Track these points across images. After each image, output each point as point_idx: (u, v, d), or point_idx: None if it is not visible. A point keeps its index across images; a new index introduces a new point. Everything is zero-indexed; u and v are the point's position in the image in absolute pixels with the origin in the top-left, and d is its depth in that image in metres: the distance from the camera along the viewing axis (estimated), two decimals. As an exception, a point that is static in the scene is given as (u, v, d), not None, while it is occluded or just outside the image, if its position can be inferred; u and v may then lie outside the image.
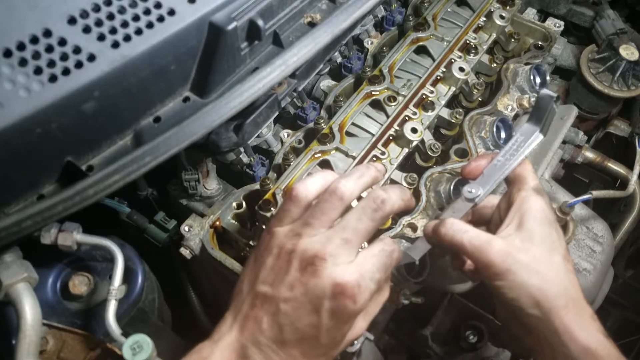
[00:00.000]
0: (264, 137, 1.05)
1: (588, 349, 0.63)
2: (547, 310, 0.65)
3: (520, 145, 0.74)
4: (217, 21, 0.75)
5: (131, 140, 0.75)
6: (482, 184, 0.74)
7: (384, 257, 0.65)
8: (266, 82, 0.74)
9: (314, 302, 0.61)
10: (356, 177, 0.67)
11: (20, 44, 0.64)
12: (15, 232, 0.63)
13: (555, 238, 0.69)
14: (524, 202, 0.70)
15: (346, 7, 0.82)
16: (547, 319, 0.65)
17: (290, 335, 0.61)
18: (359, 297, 0.61)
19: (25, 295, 0.68)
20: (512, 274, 0.65)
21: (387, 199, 0.65)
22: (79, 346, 0.78)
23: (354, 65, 1.16)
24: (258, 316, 0.62)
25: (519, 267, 0.65)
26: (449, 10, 1.20)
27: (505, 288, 0.66)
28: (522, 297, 0.65)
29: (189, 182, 0.95)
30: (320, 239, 0.63)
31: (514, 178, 0.73)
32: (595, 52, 1.37)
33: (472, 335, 1.04)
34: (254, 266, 0.66)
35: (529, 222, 0.68)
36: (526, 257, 0.66)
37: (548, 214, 0.70)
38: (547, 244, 0.68)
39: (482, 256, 0.67)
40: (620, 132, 1.47)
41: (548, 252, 0.67)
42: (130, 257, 0.81)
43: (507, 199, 0.73)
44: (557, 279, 0.66)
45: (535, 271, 0.65)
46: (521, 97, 1.12)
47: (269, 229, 0.67)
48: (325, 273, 0.61)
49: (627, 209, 1.31)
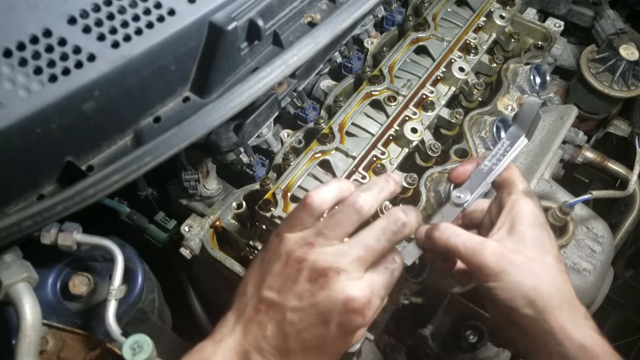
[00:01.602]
0: (264, 137, 1.05)
1: (584, 347, 0.63)
2: (541, 310, 0.65)
3: (507, 150, 0.75)
4: (217, 21, 0.75)
5: (131, 140, 0.75)
6: (470, 188, 0.75)
7: (389, 275, 0.65)
8: (266, 82, 0.74)
9: (323, 314, 0.61)
10: (376, 191, 0.67)
11: (20, 44, 0.64)
12: (15, 232, 0.63)
13: (547, 239, 0.69)
14: (515, 205, 0.70)
15: (346, 7, 0.82)
16: (541, 318, 0.65)
17: (295, 345, 0.61)
18: (368, 313, 0.62)
19: (25, 295, 0.68)
20: (506, 275, 0.65)
21: (408, 222, 0.65)
22: (79, 346, 0.78)
23: (354, 65, 1.16)
24: (262, 322, 0.62)
25: (512, 267, 0.66)
26: (449, 10, 1.20)
27: (500, 289, 0.66)
28: (516, 297, 0.65)
29: (189, 182, 0.95)
30: (335, 251, 0.62)
31: (503, 182, 0.74)
32: (595, 52, 1.37)
33: (472, 335, 1.04)
34: (260, 269, 0.66)
35: (520, 224, 0.68)
36: (519, 258, 0.66)
37: (538, 216, 0.70)
38: (539, 245, 0.68)
39: (476, 258, 0.67)
40: (620, 132, 1.47)
41: (540, 253, 0.68)
42: (130, 257, 0.81)
43: (497, 203, 0.74)
44: (551, 278, 0.67)
45: (529, 271, 0.66)
46: (521, 97, 1.12)
47: (278, 233, 0.67)
48: (337, 286, 0.60)
49: (627, 209, 1.31)
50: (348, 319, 0.61)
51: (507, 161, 0.75)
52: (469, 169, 0.76)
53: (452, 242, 0.69)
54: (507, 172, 0.75)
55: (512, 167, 0.75)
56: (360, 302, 0.61)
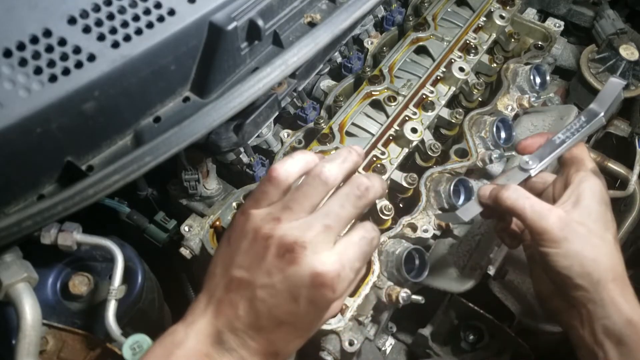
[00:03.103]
0: (264, 137, 1.05)
1: (631, 321, 0.66)
2: (596, 281, 0.68)
3: (582, 126, 0.77)
4: (217, 21, 0.75)
5: (131, 140, 0.75)
6: (539, 156, 0.77)
7: (364, 245, 0.64)
8: (266, 82, 0.74)
9: (292, 290, 0.60)
10: (340, 161, 0.66)
11: (20, 44, 0.64)
12: (15, 232, 0.63)
13: (609, 218, 0.72)
14: (583, 181, 0.72)
15: (346, 7, 0.82)
16: (594, 289, 0.68)
17: (267, 322, 0.60)
18: (338, 287, 0.60)
19: (25, 295, 0.68)
20: (568, 243, 0.68)
21: (371, 186, 0.64)
22: (79, 346, 0.78)
23: (354, 65, 1.16)
24: (233, 301, 0.61)
25: (575, 236, 0.68)
26: (449, 10, 1.20)
27: (560, 255, 0.68)
28: (574, 266, 0.68)
29: (189, 182, 0.95)
30: (301, 225, 0.61)
31: (572, 159, 0.76)
32: (595, 52, 1.37)
33: (472, 335, 1.04)
34: (228, 249, 0.64)
35: (586, 199, 0.71)
36: (583, 230, 0.69)
37: (604, 195, 0.73)
38: (602, 221, 0.71)
39: (542, 222, 0.69)
40: (620, 132, 1.47)
41: (602, 229, 0.70)
42: (130, 257, 0.81)
43: (563, 179, 0.76)
44: (609, 254, 0.70)
45: (589, 243, 0.68)
46: (521, 97, 1.12)
47: (243, 210, 0.65)
48: (304, 261, 0.59)
49: (627, 209, 1.31)
50: (317, 293, 0.60)
51: (580, 137, 0.76)
52: (539, 141, 0.78)
53: (520, 204, 0.71)
54: (577, 149, 0.77)
55: (581, 146, 0.77)
56: (329, 276, 0.59)
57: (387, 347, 1.10)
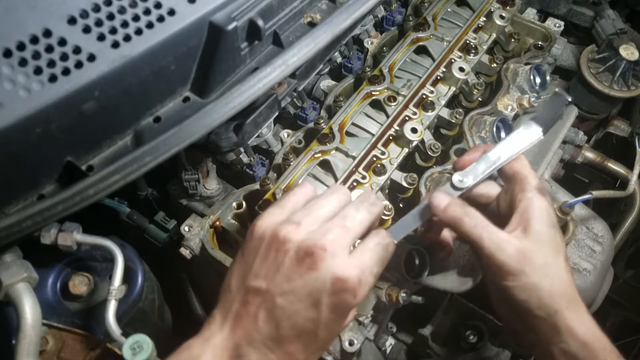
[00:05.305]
0: (264, 137, 1.05)
1: (586, 344, 0.66)
2: (552, 312, 0.66)
3: (519, 142, 0.74)
4: (217, 21, 0.75)
5: (131, 140, 0.75)
6: (473, 173, 0.73)
7: (380, 251, 0.64)
8: (266, 82, 0.74)
9: (313, 295, 0.59)
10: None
11: (20, 44, 0.64)
12: (15, 232, 0.63)
13: (559, 240, 0.70)
14: (530, 204, 0.69)
15: (346, 7, 0.82)
16: (551, 320, 0.66)
17: (287, 331, 0.60)
18: (360, 292, 0.60)
19: (25, 295, 0.68)
20: (525, 276, 0.66)
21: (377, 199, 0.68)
22: (79, 346, 0.78)
23: (354, 65, 1.16)
24: (251, 312, 0.60)
25: (532, 269, 0.66)
26: (449, 10, 1.20)
27: (517, 289, 0.66)
28: (532, 299, 0.66)
29: (189, 182, 0.95)
30: (318, 229, 0.62)
31: (514, 176, 0.72)
32: (595, 52, 1.37)
33: (472, 335, 1.04)
34: (243, 261, 0.64)
35: (536, 224, 0.68)
36: (539, 260, 0.67)
37: (551, 215, 0.70)
38: (554, 246, 0.69)
39: (499, 255, 0.66)
40: (620, 132, 1.47)
41: (554, 254, 0.68)
42: (130, 257, 0.81)
43: (508, 196, 0.73)
44: (562, 280, 0.68)
45: (545, 274, 0.67)
46: (521, 97, 1.12)
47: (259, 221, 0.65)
48: (324, 266, 0.59)
49: (627, 209, 1.31)
50: (339, 299, 0.59)
51: (517, 153, 0.73)
52: (475, 157, 0.75)
53: (478, 232, 0.68)
54: (518, 164, 0.73)
55: (522, 159, 0.74)
56: (351, 282, 0.59)
57: (387, 347, 1.10)
